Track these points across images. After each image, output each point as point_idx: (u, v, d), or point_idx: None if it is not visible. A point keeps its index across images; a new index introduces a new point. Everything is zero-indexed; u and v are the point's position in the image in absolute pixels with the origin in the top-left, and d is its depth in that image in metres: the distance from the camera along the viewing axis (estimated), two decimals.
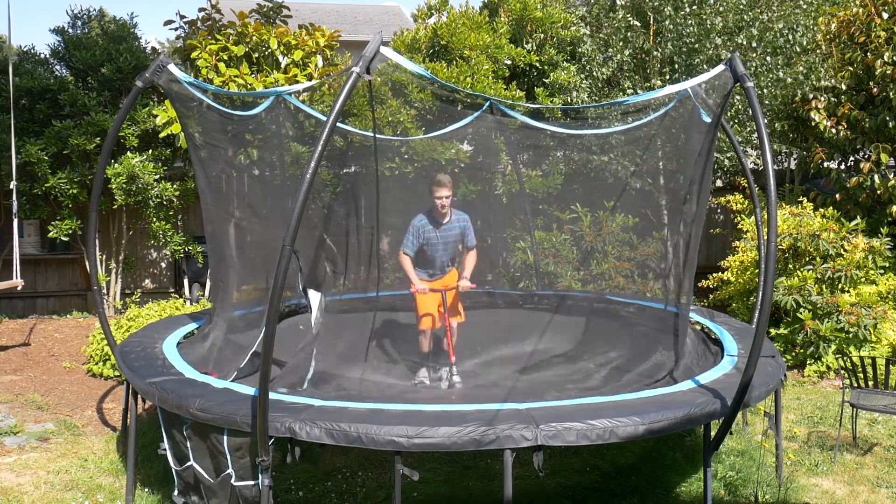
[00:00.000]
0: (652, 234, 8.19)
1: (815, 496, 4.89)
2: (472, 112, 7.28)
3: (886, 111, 8.80)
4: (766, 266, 3.76)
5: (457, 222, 6.02)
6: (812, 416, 6.45)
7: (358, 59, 3.69)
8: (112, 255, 9.96)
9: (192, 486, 4.30)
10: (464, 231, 6.08)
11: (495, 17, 10.02)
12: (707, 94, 5.17)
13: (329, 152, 7.23)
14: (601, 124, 7.83)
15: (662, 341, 5.68)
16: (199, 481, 4.21)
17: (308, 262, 6.05)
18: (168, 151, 9.45)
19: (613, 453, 5.45)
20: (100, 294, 6.07)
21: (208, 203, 5.82)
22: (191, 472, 4.25)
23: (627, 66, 9.31)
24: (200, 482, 4.21)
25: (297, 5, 10.74)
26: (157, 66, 5.14)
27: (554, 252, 8.74)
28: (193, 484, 4.29)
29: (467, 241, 6.12)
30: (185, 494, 4.39)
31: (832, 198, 9.38)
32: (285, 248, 3.43)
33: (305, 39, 8.32)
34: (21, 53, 10.17)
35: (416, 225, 5.94)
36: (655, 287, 7.70)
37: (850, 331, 7.58)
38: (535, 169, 8.86)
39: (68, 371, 7.68)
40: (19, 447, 5.65)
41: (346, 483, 5.00)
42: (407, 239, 5.94)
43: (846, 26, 9.33)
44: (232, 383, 4.49)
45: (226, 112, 5.85)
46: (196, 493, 4.29)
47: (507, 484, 3.69)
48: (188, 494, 4.36)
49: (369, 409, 3.98)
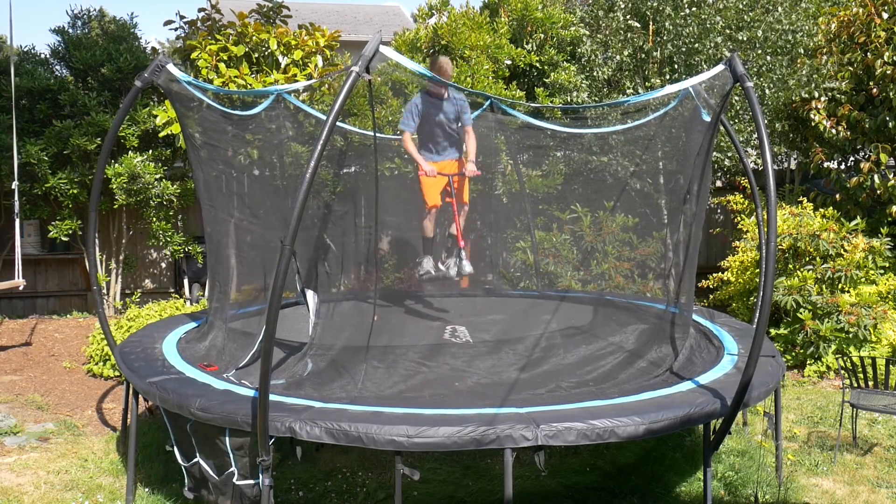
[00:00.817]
0: (652, 234, 8.19)
1: (815, 496, 4.89)
2: (473, 111, 7.27)
3: (886, 111, 8.80)
4: (766, 266, 3.76)
5: (454, 100, 6.09)
6: (812, 416, 6.45)
7: (357, 58, 3.70)
8: (112, 255, 9.96)
9: (201, 481, 4.32)
10: (461, 108, 6.13)
11: (496, 18, 10.02)
12: (707, 94, 5.17)
13: (329, 152, 7.23)
14: (601, 124, 7.83)
15: (662, 340, 5.68)
16: (206, 478, 4.23)
17: (305, 262, 6.04)
18: (168, 151, 9.46)
19: (613, 453, 5.45)
20: (100, 294, 6.08)
21: (207, 203, 5.82)
22: (198, 467, 4.27)
23: (627, 66, 9.31)
24: (207, 479, 4.23)
25: (297, 5, 10.74)
26: (155, 66, 5.14)
27: (554, 252, 8.74)
28: (202, 479, 4.31)
29: (464, 119, 6.17)
30: (195, 490, 4.40)
31: (832, 198, 9.38)
32: (285, 248, 3.43)
33: (305, 39, 8.32)
34: (21, 53, 10.17)
35: (414, 101, 5.97)
36: (655, 287, 7.70)
37: (850, 331, 7.58)
38: (535, 169, 8.86)
39: (68, 371, 7.68)
40: (19, 447, 5.65)
41: (346, 483, 5.00)
42: (406, 117, 5.92)
43: (846, 26, 9.33)
44: (232, 384, 4.48)
45: (225, 112, 5.85)
46: (205, 489, 4.31)
47: (507, 484, 3.69)
48: (198, 490, 4.37)
49: (370, 411, 3.98)
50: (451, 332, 6.05)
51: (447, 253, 6.12)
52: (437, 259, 6.06)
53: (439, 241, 6.15)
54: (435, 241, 6.10)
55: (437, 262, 6.04)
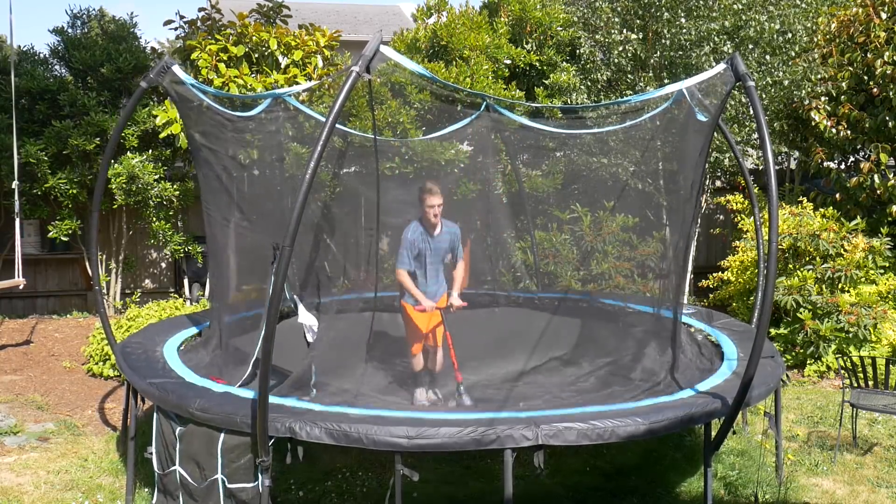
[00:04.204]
0: (652, 234, 8.19)
1: (815, 496, 4.89)
2: (473, 112, 7.27)
3: (886, 111, 8.80)
4: (767, 266, 3.76)
5: (447, 233, 5.73)
6: (812, 416, 6.45)
7: (358, 58, 3.69)
8: (112, 255, 9.95)
9: (172, 493, 4.31)
10: (454, 242, 5.77)
11: (495, 18, 10.01)
12: (706, 94, 5.16)
13: (328, 153, 7.22)
14: (600, 125, 7.83)
15: (659, 345, 5.66)
16: (182, 485, 4.22)
17: (303, 265, 6.01)
18: (168, 151, 9.45)
19: (613, 453, 5.45)
20: (100, 294, 6.07)
21: (209, 204, 5.81)
22: (173, 476, 4.25)
23: (623, 69, 9.31)
24: (183, 486, 4.21)
25: (297, 5, 10.72)
26: (161, 68, 5.13)
27: (554, 252, 8.74)
28: (173, 491, 4.30)
29: (457, 253, 5.82)
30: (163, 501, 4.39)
31: (832, 198, 9.38)
32: (285, 249, 3.43)
33: (305, 39, 8.31)
34: (21, 53, 10.16)
35: (410, 238, 5.58)
36: (655, 287, 7.69)
37: (850, 331, 7.58)
38: (535, 169, 8.85)
39: (68, 371, 7.67)
40: (19, 447, 5.65)
41: (346, 483, 5.00)
42: (402, 255, 5.58)
43: (846, 26, 9.33)
44: (232, 388, 4.48)
45: (227, 113, 5.84)
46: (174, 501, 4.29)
47: (507, 484, 3.69)
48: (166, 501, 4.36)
49: (370, 414, 3.96)
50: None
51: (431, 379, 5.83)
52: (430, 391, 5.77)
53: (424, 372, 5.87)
54: (425, 376, 5.82)
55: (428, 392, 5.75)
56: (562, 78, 9.26)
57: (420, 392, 5.76)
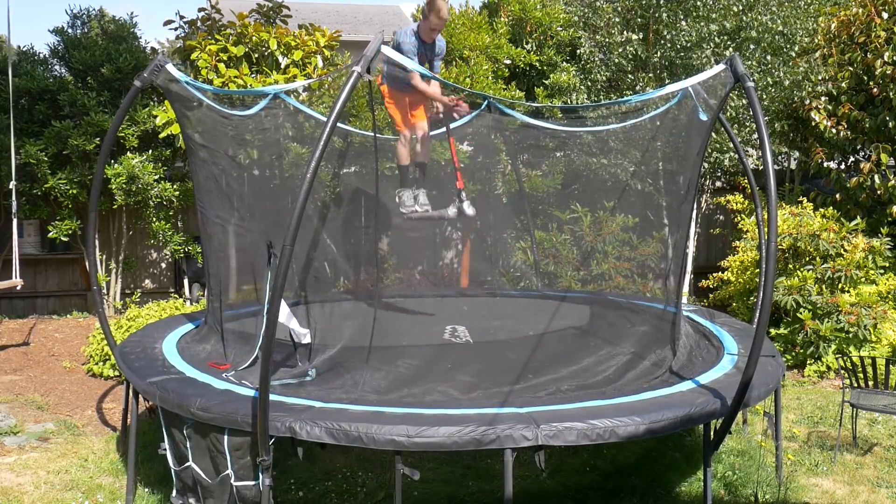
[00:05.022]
0: (652, 234, 8.19)
1: (815, 496, 4.89)
2: (472, 111, 7.27)
3: (886, 111, 8.80)
4: (767, 266, 3.76)
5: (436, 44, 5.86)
6: (812, 416, 6.45)
7: (359, 58, 3.69)
8: (112, 255, 9.96)
9: (191, 487, 4.30)
10: (440, 50, 5.94)
11: (495, 18, 10.02)
12: (707, 94, 5.16)
13: (329, 152, 7.21)
14: (600, 125, 7.83)
15: (661, 340, 5.66)
16: (197, 482, 4.21)
17: (302, 264, 6.00)
18: (168, 151, 9.45)
19: (613, 453, 5.45)
20: (100, 294, 6.07)
21: (204, 204, 5.79)
22: (189, 472, 4.25)
23: (624, 69, 9.31)
24: (198, 483, 4.21)
25: (297, 5, 10.72)
26: (155, 66, 5.14)
27: (554, 252, 8.74)
28: (191, 485, 4.29)
29: (435, 65, 5.99)
30: (182, 495, 4.39)
31: (832, 198, 9.38)
32: (286, 248, 3.43)
33: (305, 40, 8.31)
34: (20, 53, 10.16)
35: (409, 42, 5.56)
36: (655, 287, 7.69)
37: (850, 331, 7.58)
38: (535, 169, 8.86)
39: (68, 371, 7.67)
40: (19, 447, 5.65)
41: (346, 483, 5.00)
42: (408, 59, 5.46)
43: (846, 26, 9.34)
44: (232, 384, 4.47)
45: (224, 112, 5.84)
46: (193, 495, 4.29)
47: (507, 484, 3.69)
48: (185, 495, 4.36)
49: (370, 411, 3.97)
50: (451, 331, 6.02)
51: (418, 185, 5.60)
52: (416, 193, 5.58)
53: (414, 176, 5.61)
54: (409, 170, 5.60)
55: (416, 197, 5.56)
56: (562, 78, 9.26)
57: (407, 194, 5.55)
